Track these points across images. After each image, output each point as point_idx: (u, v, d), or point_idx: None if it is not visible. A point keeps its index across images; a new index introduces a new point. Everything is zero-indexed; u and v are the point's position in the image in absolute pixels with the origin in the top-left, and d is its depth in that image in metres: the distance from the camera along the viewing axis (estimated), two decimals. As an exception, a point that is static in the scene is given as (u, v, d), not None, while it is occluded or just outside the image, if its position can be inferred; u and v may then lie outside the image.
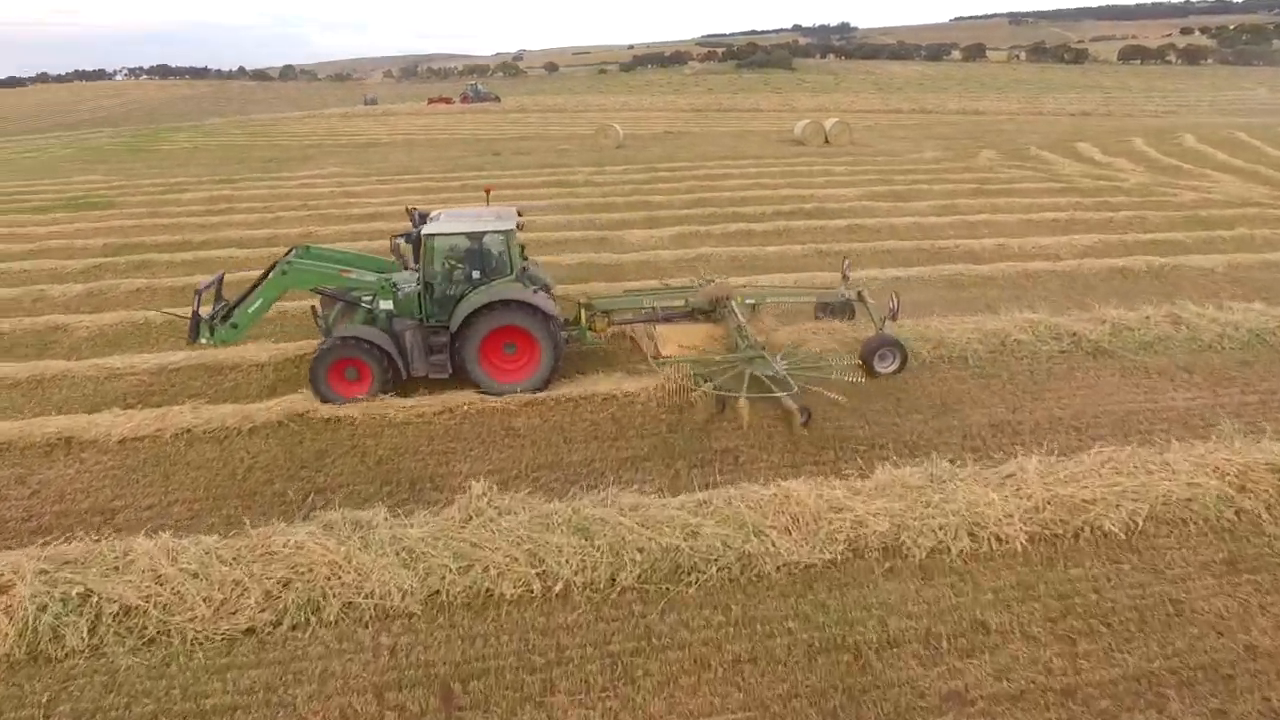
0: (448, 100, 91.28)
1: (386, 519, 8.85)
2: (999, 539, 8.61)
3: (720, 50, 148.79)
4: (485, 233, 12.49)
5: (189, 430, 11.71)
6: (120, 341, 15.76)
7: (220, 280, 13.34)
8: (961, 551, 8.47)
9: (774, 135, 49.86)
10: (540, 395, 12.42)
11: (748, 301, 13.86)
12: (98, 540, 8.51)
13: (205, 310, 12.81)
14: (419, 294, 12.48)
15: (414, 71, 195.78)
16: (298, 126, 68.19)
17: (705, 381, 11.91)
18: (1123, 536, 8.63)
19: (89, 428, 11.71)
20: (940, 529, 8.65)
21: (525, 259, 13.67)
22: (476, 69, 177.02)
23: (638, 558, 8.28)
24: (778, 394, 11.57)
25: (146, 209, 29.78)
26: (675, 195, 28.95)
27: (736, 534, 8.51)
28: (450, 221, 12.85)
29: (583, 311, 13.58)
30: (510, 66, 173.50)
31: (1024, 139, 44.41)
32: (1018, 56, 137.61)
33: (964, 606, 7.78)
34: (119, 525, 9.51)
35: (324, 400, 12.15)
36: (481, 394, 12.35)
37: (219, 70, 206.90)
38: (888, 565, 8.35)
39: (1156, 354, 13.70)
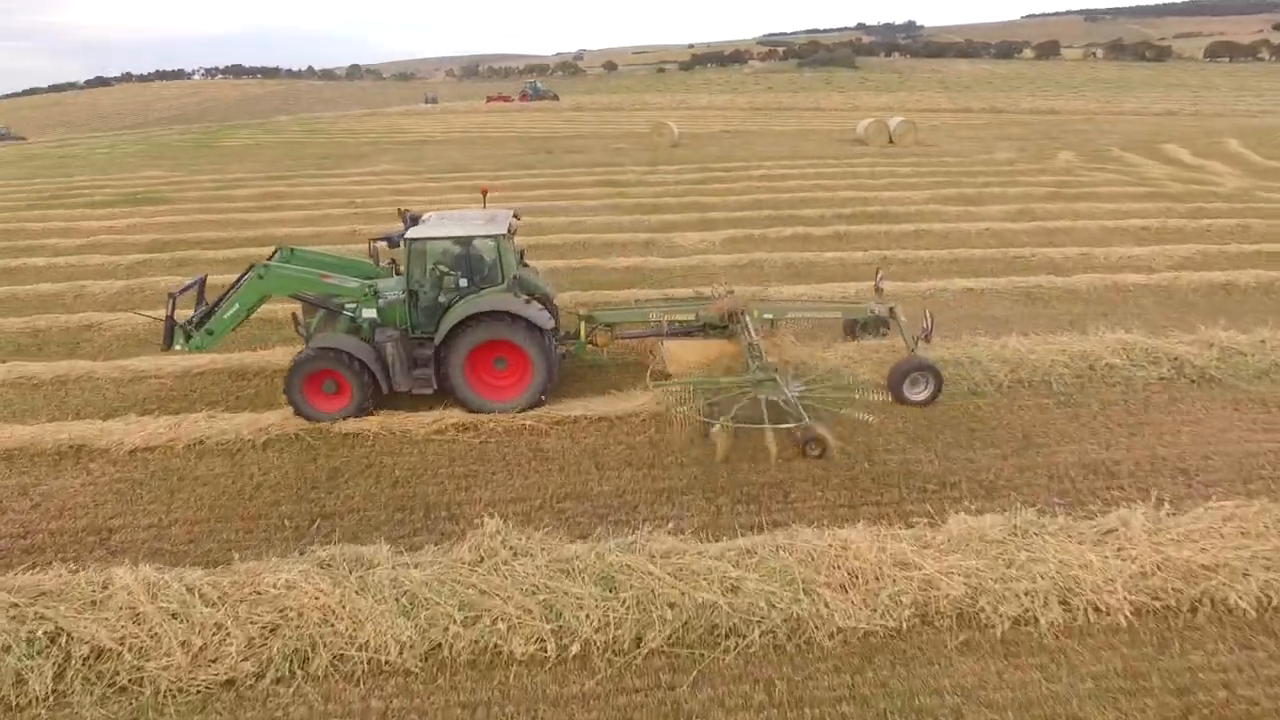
0: (506, 98, 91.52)
1: (389, 556, 7.94)
2: (1098, 610, 7.26)
3: (781, 49, 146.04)
4: (474, 238, 11.52)
5: (201, 441, 11.09)
6: (149, 342, 15.25)
7: (202, 283, 12.62)
8: (1052, 624, 7.15)
9: (835, 135, 48.12)
10: (574, 414, 11.41)
11: (765, 316, 12.54)
12: (76, 571, 7.80)
13: (186, 314, 12.11)
14: (403, 302, 11.57)
15: (475, 70, 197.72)
16: (358, 124, 68.93)
17: (705, 404, 10.77)
18: (1253, 614, 7.18)
19: (101, 436, 11.18)
20: (1026, 595, 7.34)
21: (524, 265, 12.68)
22: (537, 68, 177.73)
23: (668, 615, 7.20)
24: (766, 426, 10.17)
25: (199, 204, 29.91)
26: (730, 196, 27.71)
27: (784, 591, 7.35)
28: (437, 225, 11.89)
29: (583, 324, 12.50)
30: (570, 66, 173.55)
31: (1104, 139, 41.84)
32: (1094, 54, 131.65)
33: (1058, 697, 6.48)
34: (113, 547, 8.86)
35: (300, 415, 11.29)
36: (469, 411, 11.38)
37: (289, 70, 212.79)
38: (962, 638, 7.08)
39: (1275, 384, 11.99)
